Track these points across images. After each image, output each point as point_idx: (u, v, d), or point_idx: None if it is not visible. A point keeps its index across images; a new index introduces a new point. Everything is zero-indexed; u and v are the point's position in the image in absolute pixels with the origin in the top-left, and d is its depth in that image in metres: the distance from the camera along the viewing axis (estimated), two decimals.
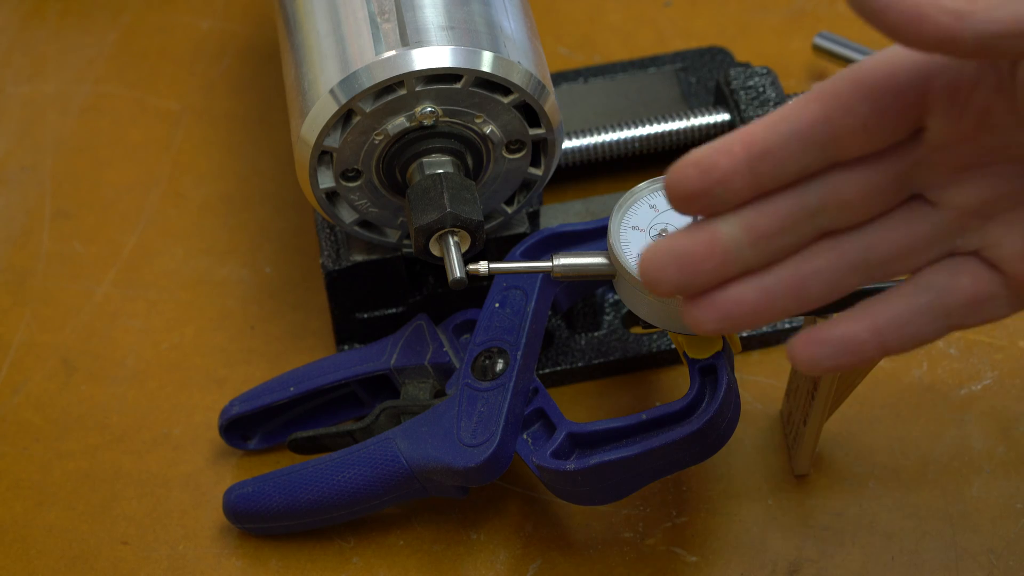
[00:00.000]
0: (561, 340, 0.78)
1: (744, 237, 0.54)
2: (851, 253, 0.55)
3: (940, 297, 0.55)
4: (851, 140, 0.53)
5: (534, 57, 0.71)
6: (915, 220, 0.55)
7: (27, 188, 0.88)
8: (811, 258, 0.55)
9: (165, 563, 0.73)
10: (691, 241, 0.54)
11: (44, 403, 0.79)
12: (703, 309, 0.54)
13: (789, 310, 0.55)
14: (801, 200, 0.54)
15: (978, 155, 0.54)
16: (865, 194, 0.54)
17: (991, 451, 0.74)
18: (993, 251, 0.54)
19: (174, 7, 0.97)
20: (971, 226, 0.55)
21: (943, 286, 0.55)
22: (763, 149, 0.53)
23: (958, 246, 0.55)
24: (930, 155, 0.54)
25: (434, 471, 0.68)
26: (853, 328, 0.55)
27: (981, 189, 0.54)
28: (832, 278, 0.55)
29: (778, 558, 0.71)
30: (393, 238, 0.75)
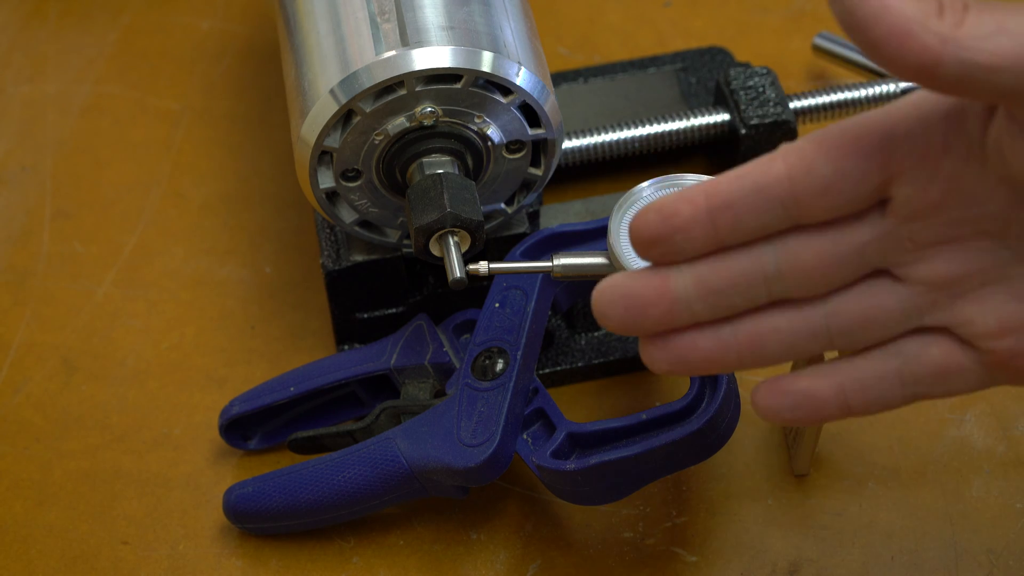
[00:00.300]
0: (561, 340, 0.78)
1: (694, 291, 0.54)
2: (813, 318, 0.55)
3: (908, 365, 0.55)
4: (812, 202, 0.53)
5: (534, 57, 0.71)
6: (880, 294, 0.54)
7: (27, 188, 0.88)
8: (771, 317, 0.55)
9: (165, 563, 0.73)
10: (641, 285, 0.54)
11: (44, 403, 0.79)
12: (658, 349, 0.55)
13: (744, 364, 0.55)
14: (758, 261, 0.54)
15: (947, 229, 0.53)
16: (824, 262, 0.54)
17: (991, 451, 0.74)
18: (965, 328, 0.54)
19: (174, 7, 0.97)
20: (940, 303, 0.54)
21: (912, 354, 0.55)
22: (725, 201, 0.53)
23: (926, 322, 0.54)
24: (896, 228, 0.53)
25: (434, 471, 0.68)
26: (817, 384, 0.55)
27: (950, 265, 0.53)
28: (791, 340, 0.55)
29: (778, 558, 0.71)
30: (393, 238, 0.75)
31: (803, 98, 0.82)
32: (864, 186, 0.52)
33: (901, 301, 0.54)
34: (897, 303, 0.54)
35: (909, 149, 0.52)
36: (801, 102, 0.82)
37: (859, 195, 0.53)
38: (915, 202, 0.52)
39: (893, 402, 0.55)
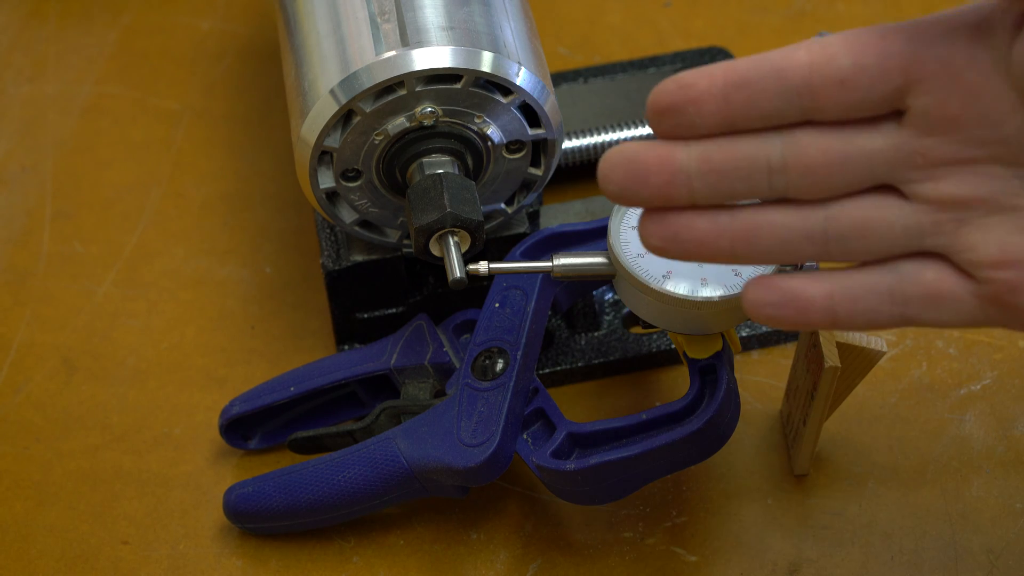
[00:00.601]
0: (561, 340, 0.78)
1: (696, 166, 0.53)
2: (812, 219, 0.54)
3: (901, 283, 0.54)
4: (828, 93, 0.52)
5: (534, 57, 0.71)
6: (883, 206, 0.53)
7: (27, 188, 0.88)
8: (770, 211, 0.54)
9: (165, 563, 0.73)
10: (646, 151, 0.54)
11: (45, 403, 0.79)
12: (654, 223, 0.55)
13: (737, 254, 0.54)
14: (764, 148, 0.53)
15: (961, 148, 0.52)
16: (830, 161, 0.53)
17: (991, 451, 0.74)
18: (965, 255, 0.53)
19: (174, 7, 0.97)
20: (944, 227, 0.53)
21: (906, 273, 0.53)
22: (741, 78, 0.52)
23: (927, 245, 0.53)
24: (910, 141, 0.52)
25: (434, 471, 0.68)
26: (807, 286, 0.54)
27: (959, 187, 0.52)
28: (787, 236, 0.54)
29: (778, 558, 0.71)
30: (393, 238, 0.75)
31: None
32: (882, 85, 0.52)
33: (904, 217, 0.53)
34: (899, 218, 0.53)
35: (932, 55, 0.51)
36: None
37: (876, 95, 0.52)
38: (932, 114, 0.52)
39: (880, 319, 0.54)
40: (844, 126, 0.53)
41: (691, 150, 0.53)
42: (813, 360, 0.68)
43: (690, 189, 0.53)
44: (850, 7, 0.93)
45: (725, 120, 0.53)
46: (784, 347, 0.79)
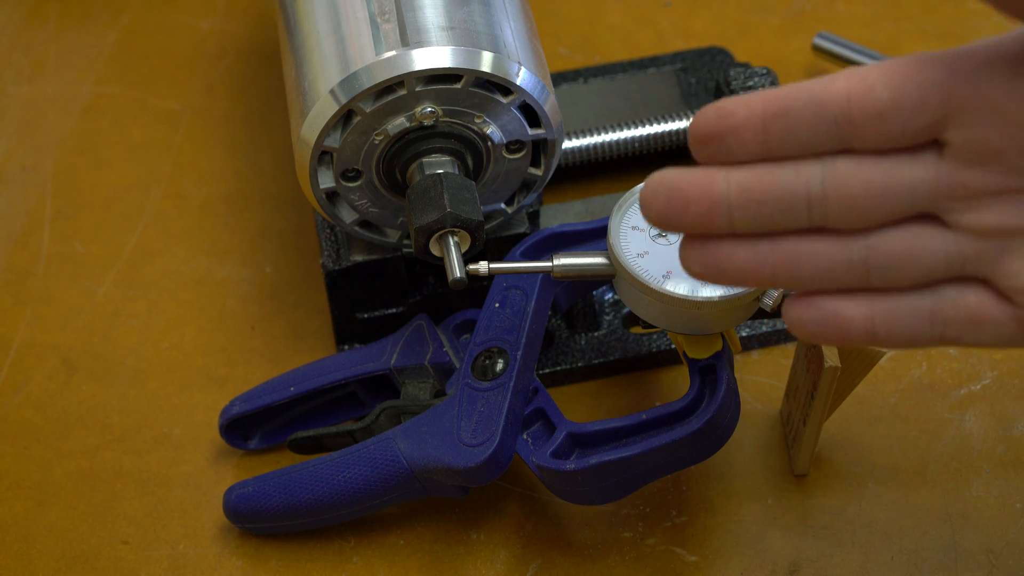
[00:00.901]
0: (561, 340, 0.78)
1: (736, 196, 0.53)
2: (853, 247, 0.54)
3: (942, 306, 0.54)
4: (867, 124, 0.52)
5: (534, 57, 0.71)
6: (925, 235, 0.54)
7: (27, 188, 0.88)
8: (811, 240, 0.54)
9: (165, 563, 0.73)
10: (687, 180, 0.54)
11: (45, 403, 0.79)
12: (696, 251, 0.55)
13: (777, 281, 0.55)
14: (803, 178, 0.53)
15: (1004, 179, 0.52)
16: (871, 192, 0.53)
17: (991, 451, 0.74)
18: (1008, 282, 0.53)
19: (174, 7, 0.97)
20: (985, 253, 0.53)
21: (948, 296, 0.54)
22: (780, 108, 0.53)
23: (968, 271, 0.54)
24: (951, 173, 0.52)
25: (434, 471, 0.68)
26: (848, 306, 0.54)
27: (1002, 216, 0.52)
28: (828, 266, 0.54)
29: (778, 558, 0.71)
30: (393, 238, 0.75)
31: None
32: (921, 117, 0.52)
33: (946, 245, 0.53)
34: (942, 247, 0.53)
35: (972, 88, 0.51)
36: None
37: (915, 126, 0.52)
38: (974, 146, 0.52)
39: (921, 339, 0.54)
40: (884, 156, 0.53)
41: (731, 179, 0.54)
42: (813, 360, 0.68)
43: (729, 218, 0.54)
44: (850, 7, 0.93)
45: (764, 149, 0.53)
46: (784, 347, 0.79)
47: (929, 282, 0.54)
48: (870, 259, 0.54)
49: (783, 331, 0.79)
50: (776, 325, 0.79)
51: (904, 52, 0.89)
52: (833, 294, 0.55)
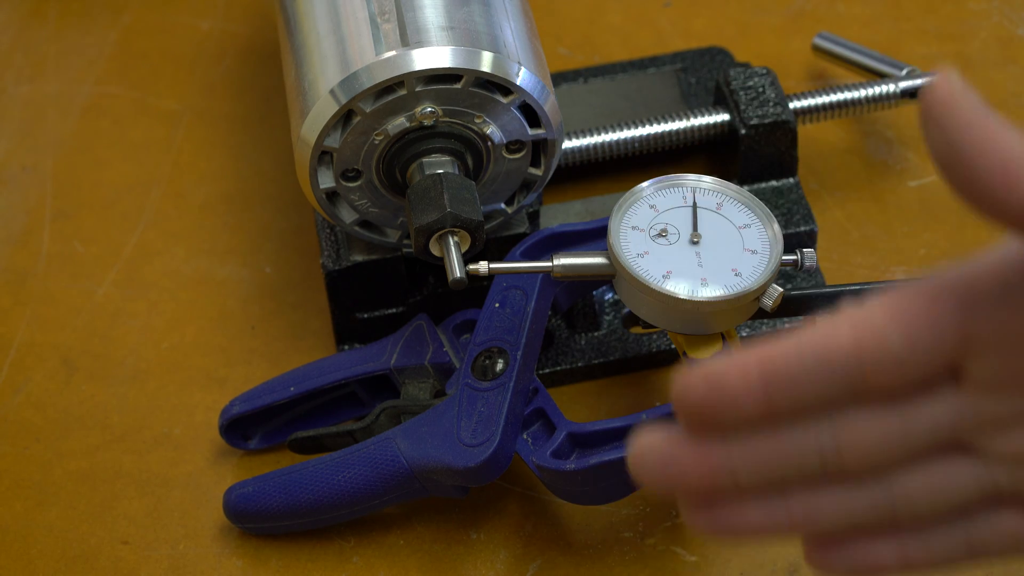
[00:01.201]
0: (561, 340, 0.78)
1: (739, 462, 0.48)
2: (875, 493, 0.49)
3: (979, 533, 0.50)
4: (879, 374, 0.47)
5: (534, 57, 0.71)
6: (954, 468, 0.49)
7: (27, 188, 0.88)
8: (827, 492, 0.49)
9: (165, 563, 0.73)
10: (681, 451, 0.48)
11: (45, 403, 0.79)
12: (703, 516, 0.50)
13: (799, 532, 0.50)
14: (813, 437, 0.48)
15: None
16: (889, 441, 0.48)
17: None
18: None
19: (174, 7, 0.97)
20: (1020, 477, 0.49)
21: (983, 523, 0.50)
22: (781, 371, 0.47)
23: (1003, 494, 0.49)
24: (974, 402, 0.48)
25: (434, 471, 0.68)
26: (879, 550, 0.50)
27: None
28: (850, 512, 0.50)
29: (778, 558, 0.71)
30: (393, 238, 0.75)
31: (803, 98, 0.82)
32: (939, 357, 0.47)
33: (977, 476, 0.49)
34: (972, 478, 0.49)
35: (989, 314, 0.47)
36: (801, 102, 0.82)
37: (932, 367, 0.47)
38: (996, 373, 0.47)
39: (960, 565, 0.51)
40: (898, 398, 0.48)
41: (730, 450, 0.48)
42: None
43: (735, 483, 0.49)
44: (850, 7, 0.93)
45: (766, 414, 0.48)
46: None
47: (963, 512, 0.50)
48: (896, 500, 0.50)
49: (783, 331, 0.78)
50: (776, 325, 0.79)
51: (904, 52, 0.89)
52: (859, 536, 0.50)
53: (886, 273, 0.81)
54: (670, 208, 0.68)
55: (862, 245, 0.82)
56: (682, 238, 0.67)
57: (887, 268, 0.81)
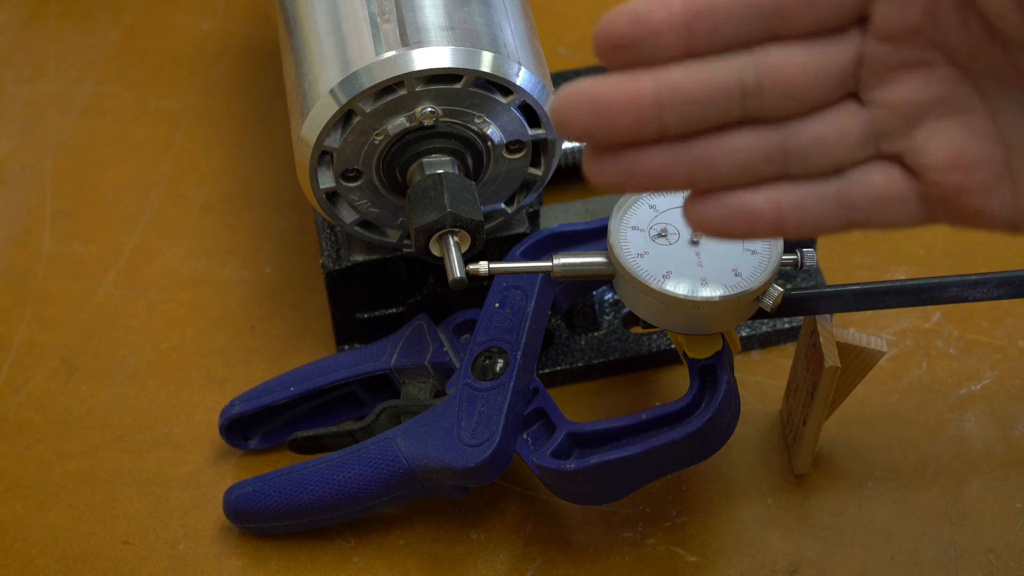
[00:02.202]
0: (561, 340, 0.78)
1: (668, 97, 0.51)
2: (771, 138, 0.52)
3: (848, 189, 0.53)
4: (795, 10, 0.51)
5: (534, 57, 0.71)
6: (842, 116, 0.53)
7: (28, 188, 0.88)
8: (728, 136, 0.52)
9: (165, 563, 0.73)
10: (611, 89, 0.50)
11: (45, 403, 0.79)
12: (608, 162, 0.51)
13: (694, 181, 0.52)
14: (735, 71, 0.51)
15: (918, 53, 0.51)
16: (807, 76, 0.51)
17: (991, 451, 0.74)
18: (915, 157, 0.52)
19: (174, 7, 0.97)
20: (898, 128, 0.52)
21: (854, 179, 0.53)
22: (704, 5, 0.50)
23: (882, 149, 0.53)
24: (872, 48, 0.52)
25: (434, 471, 0.68)
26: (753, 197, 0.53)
27: (914, 90, 0.52)
28: (746, 159, 0.52)
29: (778, 558, 0.71)
30: (393, 238, 0.75)
31: None
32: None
33: (861, 124, 0.52)
34: (857, 126, 0.52)
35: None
36: None
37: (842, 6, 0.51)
38: (893, 22, 0.51)
39: (829, 225, 0.53)
40: (813, 39, 0.52)
41: (659, 82, 0.50)
42: (813, 360, 0.68)
43: (661, 123, 0.51)
44: None
45: (688, 50, 0.51)
46: (784, 347, 0.79)
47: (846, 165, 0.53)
48: (789, 147, 0.52)
49: (783, 331, 0.79)
50: (776, 325, 0.79)
51: None
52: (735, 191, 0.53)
53: (886, 273, 0.81)
54: (670, 208, 0.68)
55: (862, 245, 0.82)
56: (682, 238, 0.67)
57: (887, 268, 0.81)
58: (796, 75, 0.51)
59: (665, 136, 0.51)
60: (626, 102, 0.50)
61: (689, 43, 0.51)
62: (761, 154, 0.52)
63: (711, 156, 0.52)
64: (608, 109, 0.50)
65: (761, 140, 0.52)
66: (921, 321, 0.79)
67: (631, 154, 0.51)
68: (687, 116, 0.51)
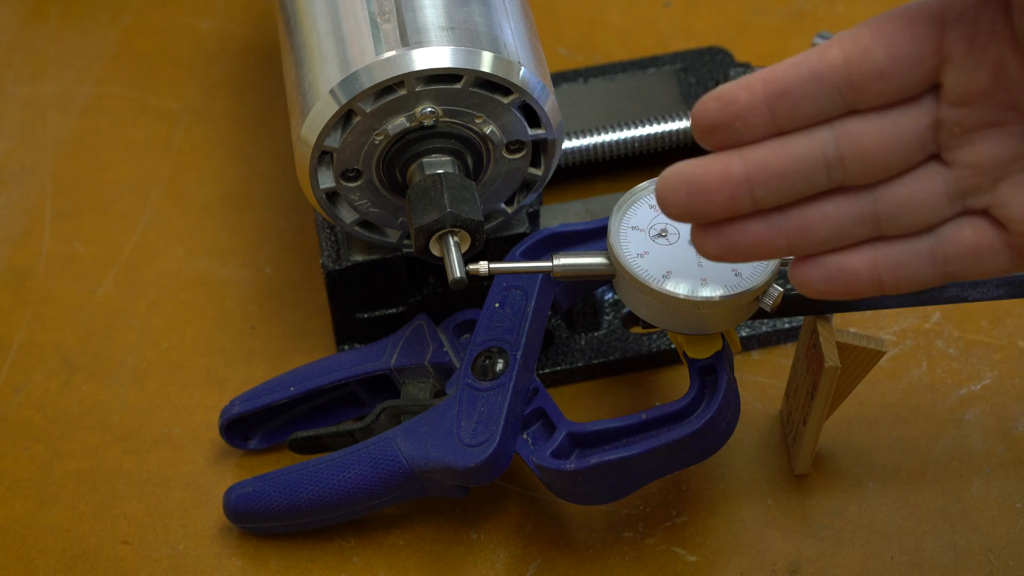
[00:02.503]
0: (561, 340, 0.78)
1: (756, 175, 0.55)
2: (861, 203, 0.56)
3: (940, 244, 0.56)
4: (868, 86, 0.54)
5: (534, 57, 0.71)
6: (928, 178, 0.56)
7: (28, 188, 0.88)
8: (820, 203, 0.56)
9: (166, 563, 0.73)
10: (704, 170, 0.55)
11: (45, 403, 0.79)
12: (710, 235, 0.56)
13: (793, 248, 0.57)
14: (817, 145, 0.55)
15: (993, 113, 0.54)
16: (884, 145, 0.55)
17: (991, 451, 0.74)
18: (1001, 210, 0.55)
19: (174, 7, 0.97)
20: (983, 185, 0.55)
21: (945, 235, 0.56)
22: (783, 88, 0.55)
23: (969, 205, 0.56)
24: (947, 113, 0.55)
25: (434, 471, 0.68)
26: (851, 259, 0.57)
27: (994, 149, 0.55)
28: (839, 224, 0.56)
29: (778, 558, 0.71)
30: (393, 238, 0.75)
31: None
32: (918, 70, 0.54)
33: (947, 184, 0.56)
34: (943, 186, 0.56)
35: (959, 34, 0.54)
36: None
37: (913, 79, 0.55)
38: (964, 87, 0.54)
39: (926, 279, 0.57)
40: (888, 109, 0.55)
41: (747, 160, 0.55)
42: (813, 360, 0.68)
43: (753, 199, 0.56)
44: (850, 7, 0.93)
45: (772, 128, 0.55)
46: (784, 347, 0.79)
47: (936, 223, 0.56)
48: (879, 210, 0.56)
49: (783, 331, 0.79)
50: (776, 325, 0.79)
51: None
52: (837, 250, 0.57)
53: None
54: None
55: None
56: (682, 238, 0.67)
57: None
58: (874, 144, 0.55)
59: (760, 209, 0.56)
60: (719, 182, 0.55)
61: (774, 122, 0.55)
62: (853, 218, 0.56)
63: (805, 224, 0.56)
64: (703, 190, 0.55)
65: (851, 206, 0.56)
66: (921, 321, 0.79)
67: (732, 227, 0.57)
68: (777, 190, 0.56)
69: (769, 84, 0.55)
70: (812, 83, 0.55)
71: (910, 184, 0.56)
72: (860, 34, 0.55)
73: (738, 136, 0.55)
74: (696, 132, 0.56)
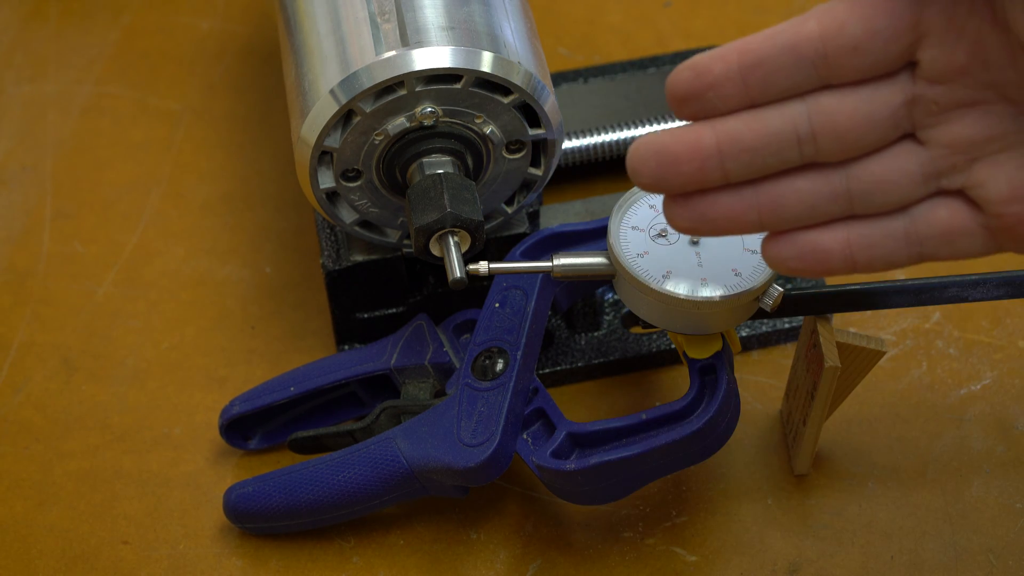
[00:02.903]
0: (561, 340, 0.78)
1: (727, 147, 0.55)
2: (834, 180, 0.55)
3: (915, 224, 0.56)
4: (843, 60, 0.54)
5: (534, 57, 0.71)
6: (902, 156, 0.55)
7: (28, 188, 0.88)
8: (793, 178, 0.56)
9: (166, 563, 0.73)
10: (675, 140, 0.55)
11: (45, 403, 0.79)
12: (680, 207, 0.56)
13: (764, 224, 0.56)
14: (789, 119, 0.55)
15: (970, 92, 0.54)
16: (857, 122, 0.54)
17: (991, 451, 0.74)
18: (977, 191, 0.55)
19: (174, 7, 0.97)
20: (958, 165, 0.55)
21: (919, 215, 0.56)
22: (757, 58, 0.54)
23: (943, 185, 0.55)
24: (924, 91, 0.54)
25: (434, 471, 0.68)
26: (824, 237, 0.56)
27: (970, 128, 0.54)
28: (812, 201, 0.55)
29: (778, 558, 0.71)
30: (393, 238, 0.75)
31: None
32: (894, 45, 0.54)
33: (921, 163, 0.55)
34: (917, 165, 0.55)
35: (938, 10, 0.53)
36: None
37: (889, 54, 0.54)
38: (941, 64, 0.53)
39: (899, 259, 0.56)
40: (863, 85, 0.55)
41: (718, 131, 0.55)
42: (813, 360, 0.68)
43: (723, 171, 0.55)
44: None
45: (745, 99, 0.55)
46: (784, 347, 0.79)
47: (910, 203, 0.56)
48: (852, 188, 0.55)
49: (783, 331, 0.79)
50: (776, 325, 0.79)
51: None
52: (810, 227, 0.56)
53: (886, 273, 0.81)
54: None
55: None
56: (682, 238, 0.67)
57: None
58: (847, 121, 0.55)
59: (730, 182, 0.55)
60: (689, 153, 0.55)
61: (747, 94, 0.54)
62: (826, 196, 0.56)
63: (777, 199, 0.56)
64: (673, 160, 0.55)
65: (824, 182, 0.56)
66: (921, 321, 0.79)
67: (702, 200, 0.56)
68: (748, 163, 0.55)
69: (744, 55, 0.54)
70: (787, 55, 0.54)
71: (884, 162, 0.55)
72: (837, 7, 0.54)
73: (711, 107, 0.55)
74: (670, 101, 0.55)
